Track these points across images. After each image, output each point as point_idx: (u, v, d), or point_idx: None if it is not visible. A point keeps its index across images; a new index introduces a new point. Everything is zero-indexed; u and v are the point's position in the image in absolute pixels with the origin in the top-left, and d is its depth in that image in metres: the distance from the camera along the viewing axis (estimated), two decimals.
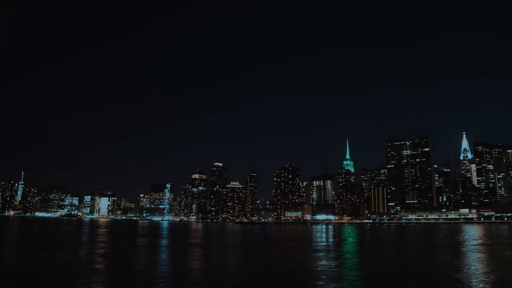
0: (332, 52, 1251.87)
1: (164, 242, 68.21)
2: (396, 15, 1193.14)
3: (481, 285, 29.37)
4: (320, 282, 29.83)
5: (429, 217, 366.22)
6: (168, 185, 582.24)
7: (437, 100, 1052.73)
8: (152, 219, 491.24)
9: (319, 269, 37.06)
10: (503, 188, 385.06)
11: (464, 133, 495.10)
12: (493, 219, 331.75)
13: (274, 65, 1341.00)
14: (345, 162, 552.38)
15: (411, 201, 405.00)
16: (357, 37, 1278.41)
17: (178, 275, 33.84)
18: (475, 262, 43.46)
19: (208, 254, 50.64)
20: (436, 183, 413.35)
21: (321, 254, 50.55)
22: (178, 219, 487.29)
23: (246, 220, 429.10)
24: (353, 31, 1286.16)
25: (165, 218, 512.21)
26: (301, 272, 35.26)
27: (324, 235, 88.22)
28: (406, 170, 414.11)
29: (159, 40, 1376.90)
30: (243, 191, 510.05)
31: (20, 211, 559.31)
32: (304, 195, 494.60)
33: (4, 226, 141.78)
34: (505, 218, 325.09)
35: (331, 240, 75.51)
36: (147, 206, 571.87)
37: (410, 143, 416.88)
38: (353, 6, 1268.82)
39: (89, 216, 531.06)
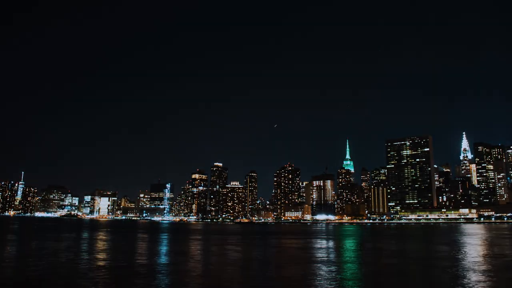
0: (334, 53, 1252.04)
1: None
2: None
3: None
4: None
5: (429, 217, 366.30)
6: (168, 185, 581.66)
7: (437, 100, 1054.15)
8: (152, 219, 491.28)
9: None
10: (503, 188, 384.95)
11: (464, 133, 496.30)
12: (493, 219, 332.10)
13: (272, 64, 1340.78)
14: (345, 162, 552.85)
15: (411, 201, 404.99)
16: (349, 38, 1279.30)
17: None
18: None
19: None
20: (436, 183, 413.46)
21: None
22: (178, 219, 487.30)
23: (246, 220, 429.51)
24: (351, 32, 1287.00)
25: (165, 218, 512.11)
26: None
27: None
28: (406, 170, 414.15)
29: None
30: (243, 191, 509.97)
31: (20, 211, 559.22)
32: (304, 195, 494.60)
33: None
34: (505, 218, 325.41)
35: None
36: (147, 206, 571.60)
37: (410, 143, 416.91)
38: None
39: (89, 216, 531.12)
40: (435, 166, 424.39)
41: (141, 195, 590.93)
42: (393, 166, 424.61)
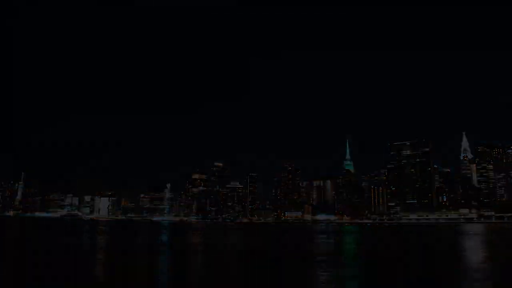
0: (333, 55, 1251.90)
1: None
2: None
3: None
4: None
5: (429, 217, 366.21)
6: (168, 185, 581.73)
7: (438, 99, 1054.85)
8: (152, 219, 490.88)
9: None
10: (503, 188, 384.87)
11: (464, 133, 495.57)
12: (493, 219, 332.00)
13: (272, 62, 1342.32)
14: (345, 162, 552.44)
15: (411, 201, 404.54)
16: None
17: None
18: None
19: None
20: (436, 183, 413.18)
21: None
22: (178, 219, 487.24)
23: (246, 220, 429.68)
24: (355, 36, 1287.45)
25: (165, 218, 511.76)
26: None
27: None
28: (406, 170, 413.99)
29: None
30: (243, 191, 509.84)
31: (20, 211, 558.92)
32: (304, 195, 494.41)
33: None
34: (505, 218, 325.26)
35: None
36: (147, 206, 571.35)
37: (410, 143, 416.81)
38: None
39: (89, 216, 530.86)
40: (435, 166, 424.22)
41: (141, 195, 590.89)
42: (393, 166, 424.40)
